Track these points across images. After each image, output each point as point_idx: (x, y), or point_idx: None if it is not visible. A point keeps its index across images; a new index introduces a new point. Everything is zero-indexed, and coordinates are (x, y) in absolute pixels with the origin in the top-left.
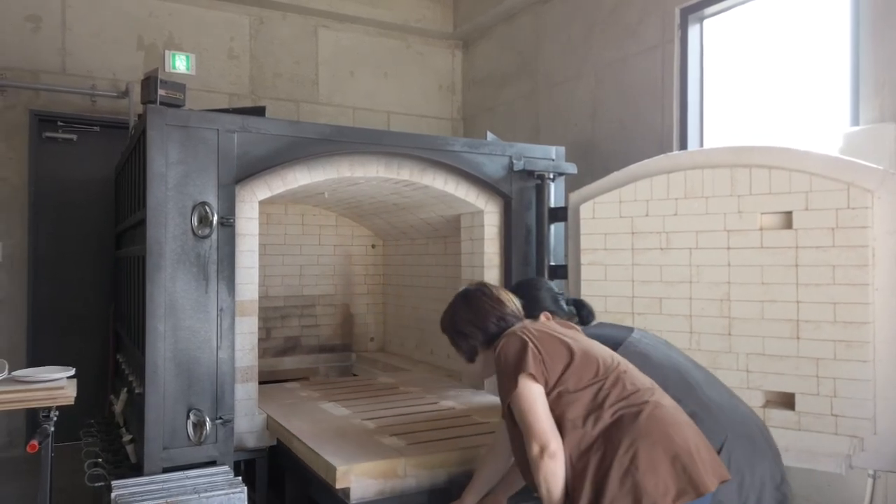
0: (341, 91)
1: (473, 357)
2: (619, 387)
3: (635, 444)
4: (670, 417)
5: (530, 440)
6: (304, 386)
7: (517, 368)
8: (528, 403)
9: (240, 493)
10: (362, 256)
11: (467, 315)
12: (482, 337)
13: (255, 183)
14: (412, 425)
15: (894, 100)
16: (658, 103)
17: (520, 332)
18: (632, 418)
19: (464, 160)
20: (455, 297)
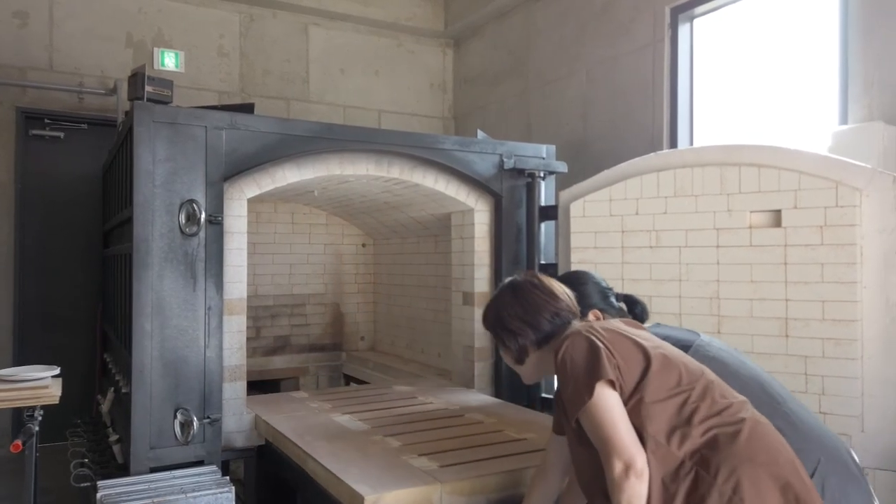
0: (332, 89)
1: (523, 358)
2: (709, 400)
3: (737, 472)
4: (773, 438)
5: (611, 457)
6: (313, 396)
7: (592, 375)
8: (607, 414)
9: (227, 492)
10: (353, 255)
11: (516, 310)
12: (534, 335)
13: (243, 180)
14: (441, 443)
15: (883, 99)
16: (649, 102)
17: (586, 333)
18: (729, 439)
19: (454, 158)
20: (500, 289)
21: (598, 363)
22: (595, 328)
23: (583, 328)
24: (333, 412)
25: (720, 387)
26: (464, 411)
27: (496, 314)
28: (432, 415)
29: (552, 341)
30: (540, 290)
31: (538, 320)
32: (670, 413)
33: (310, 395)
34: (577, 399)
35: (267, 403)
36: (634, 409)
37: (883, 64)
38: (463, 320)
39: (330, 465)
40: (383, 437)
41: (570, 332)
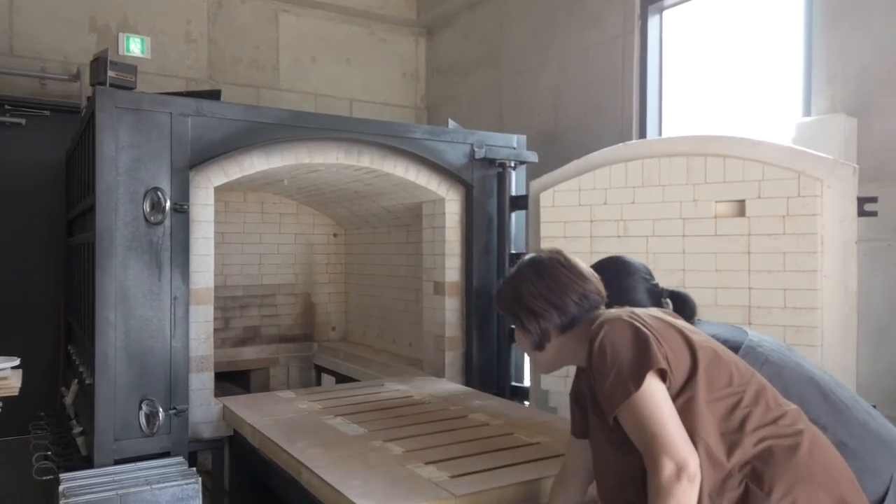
0: (303, 77)
1: (544, 343)
2: (762, 406)
3: (794, 490)
4: (832, 454)
5: (660, 457)
6: (301, 395)
7: (640, 363)
8: (656, 408)
9: (193, 483)
10: (324, 245)
11: (540, 289)
12: (559, 318)
13: (210, 168)
14: (448, 449)
15: (845, 91)
16: (618, 93)
17: (628, 318)
18: (786, 453)
19: (425, 148)
20: (520, 265)
21: (647, 351)
22: (637, 314)
23: (624, 314)
24: (324, 414)
25: (772, 391)
26: (466, 411)
27: (515, 293)
28: (433, 416)
29: (577, 327)
30: (567, 269)
31: (564, 301)
32: (720, 416)
33: (297, 394)
34: (621, 390)
35: (251, 404)
36: (685, 408)
37: (845, 57)
38: (434, 310)
39: (328, 478)
40: (383, 442)
41: (607, 317)
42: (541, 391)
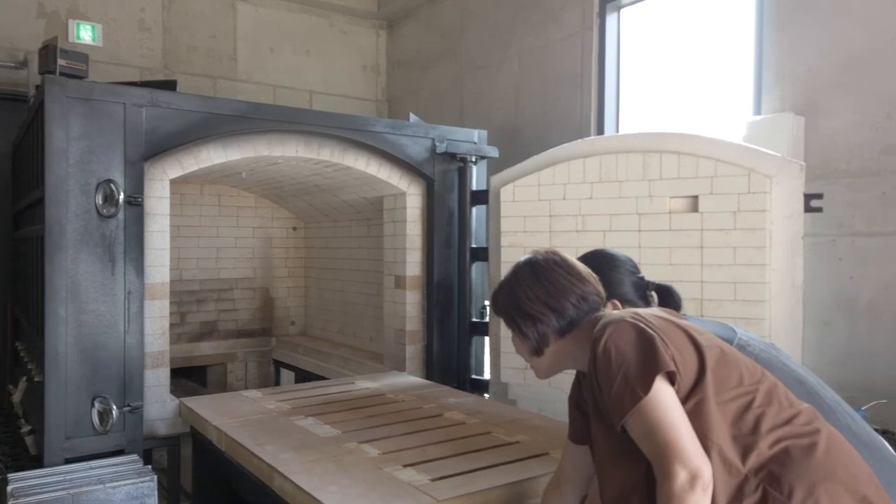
0: (261, 68)
1: (543, 349)
2: (776, 406)
3: (816, 491)
4: (849, 451)
5: (672, 465)
6: (268, 395)
7: (648, 367)
8: (666, 414)
9: (149, 481)
10: (283, 239)
11: (537, 292)
12: (558, 322)
13: (165, 160)
14: (426, 450)
15: (794, 91)
16: (577, 89)
17: (632, 320)
18: (804, 453)
19: (386, 141)
20: (516, 268)
21: (654, 353)
22: (640, 314)
23: (626, 315)
24: (294, 415)
25: (784, 390)
26: (441, 410)
27: (512, 296)
28: (408, 415)
29: (576, 330)
30: (564, 270)
31: (563, 304)
32: (731, 419)
33: (263, 394)
34: (629, 396)
35: (216, 405)
36: (695, 411)
37: (794, 58)
38: (395, 304)
39: (303, 483)
40: (358, 444)
41: (609, 319)
42: (500, 384)
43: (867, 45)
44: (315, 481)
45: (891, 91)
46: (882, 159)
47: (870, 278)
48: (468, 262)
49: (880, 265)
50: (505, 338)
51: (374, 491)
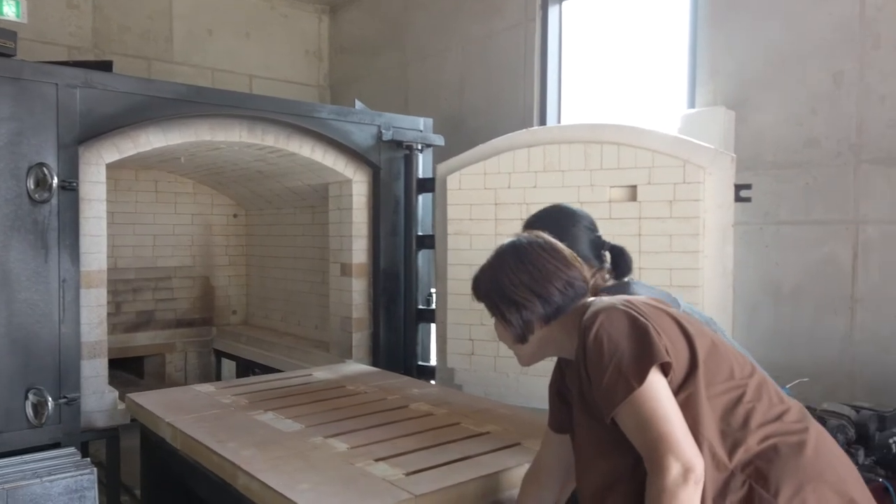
0: (199, 50)
1: (527, 336)
2: (766, 400)
3: (803, 490)
4: (837, 449)
5: (665, 457)
6: (221, 389)
7: (641, 357)
8: (660, 406)
9: (89, 474)
10: (223, 226)
11: (522, 277)
12: (543, 309)
13: (101, 144)
14: (396, 444)
15: (726, 86)
16: (520, 80)
17: (623, 307)
18: (793, 451)
19: (332, 128)
20: (500, 251)
21: (648, 343)
22: (632, 302)
23: (617, 302)
24: (252, 409)
25: (772, 385)
26: (406, 401)
27: (495, 281)
28: (373, 407)
29: (562, 317)
30: (549, 254)
31: (549, 290)
32: (720, 413)
33: (217, 388)
34: (622, 387)
35: (166, 401)
36: (686, 404)
37: (726, 54)
38: (341, 291)
39: (271, 482)
40: (324, 438)
41: (600, 306)
42: (446, 370)
43: (792, 43)
44: (284, 479)
45: (814, 88)
46: (805, 152)
47: (793, 264)
48: (414, 250)
49: (803, 252)
50: (452, 324)
51: (348, 488)
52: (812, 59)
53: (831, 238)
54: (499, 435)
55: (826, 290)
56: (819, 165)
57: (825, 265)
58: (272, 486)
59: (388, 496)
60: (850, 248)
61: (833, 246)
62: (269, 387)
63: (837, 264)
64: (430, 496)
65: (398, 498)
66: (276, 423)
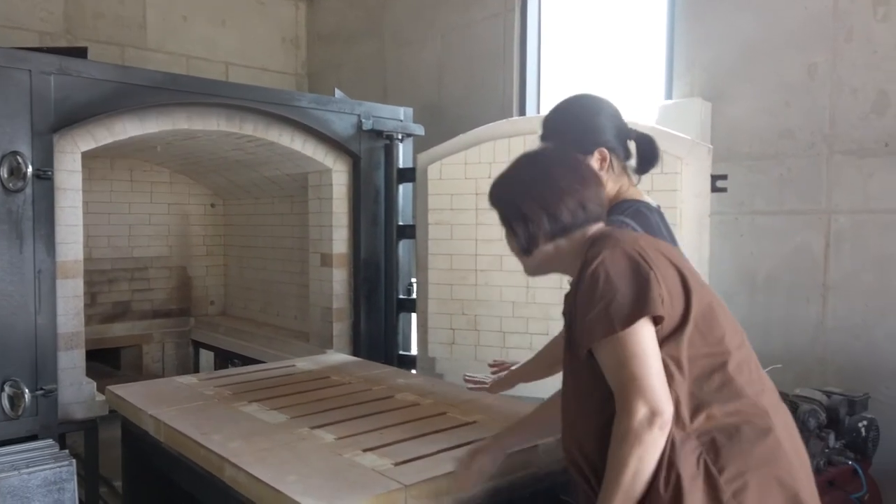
0: (173, 37)
1: (531, 249)
2: (745, 376)
3: (746, 475)
4: (798, 444)
5: (634, 398)
6: (204, 381)
7: (634, 304)
8: (640, 350)
9: (67, 465)
10: (200, 216)
11: (535, 190)
12: (549, 226)
13: (76, 133)
14: (384, 434)
15: (702, 78)
16: (500, 69)
17: (630, 248)
18: (754, 435)
19: (311, 117)
20: (520, 159)
21: (645, 292)
22: (641, 245)
23: (626, 241)
24: (237, 400)
25: (756, 362)
26: (392, 391)
27: (508, 191)
28: (358, 398)
29: (570, 235)
30: (569, 171)
31: (558, 208)
32: (696, 374)
33: (199, 379)
34: (602, 325)
35: (149, 393)
36: (665, 357)
37: (703, 46)
38: (321, 282)
39: (260, 474)
40: (310, 429)
41: (607, 241)
42: (427, 359)
43: (767, 36)
44: (272, 471)
45: (788, 80)
46: (780, 143)
47: (767, 254)
48: (395, 240)
49: (777, 242)
50: (433, 314)
51: (336, 479)
52: (786, 51)
53: (804, 228)
54: (486, 424)
55: (799, 278)
56: (793, 156)
57: (798, 254)
58: (260, 478)
59: (377, 486)
60: (823, 238)
61: (806, 235)
62: (253, 378)
63: (810, 253)
64: (420, 486)
65: (388, 488)
66: (262, 415)
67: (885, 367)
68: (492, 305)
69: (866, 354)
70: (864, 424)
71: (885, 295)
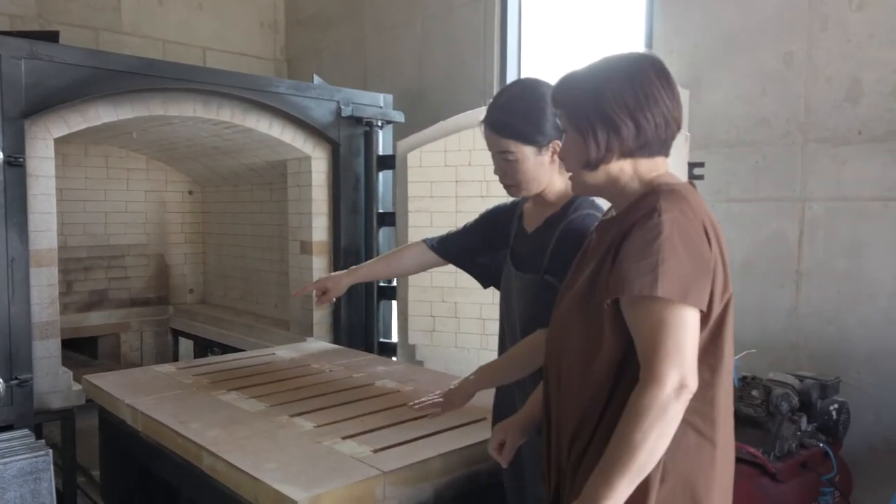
0: (149, 21)
1: (601, 163)
2: (725, 389)
3: (667, 478)
4: (729, 464)
5: (668, 366)
6: (182, 369)
7: (687, 287)
8: (681, 321)
9: (44, 455)
10: (178, 203)
11: (626, 96)
12: (632, 138)
13: (49, 118)
14: (363, 421)
15: (680, 65)
16: (480, 55)
17: (700, 224)
18: (696, 443)
19: (290, 103)
20: (611, 60)
21: (702, 283)
22: (706, 224)
23: (698, 210)
24: (215, 389)
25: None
26: (372, 379)
27: (594, 91)
28: (338, 386)
29: (640, 157)
30: (661, 82)
31: (647, 119)
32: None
33: (177, 368)
34: (650, 281)
35: (125, 382)
36: None
37: (680, 34)
38: (301, 269)
39: (238, 462)
40: (289, 417)
41: (681, 198)
42: (408, 346)
43: (743, 24)
44: (251, 459)
45: (764, 68)
46: (756, 131)
47: (743, 240)
48: (375, 227)
49: (752, 229)
50: (413, 301)
51: (315, 466)
52: (763, 40)
53: (779, 215)
54: (466, 411)
55: (774, 265)
56: (769, 144)
57: (773, 241)
58: (239, 466)
59: (356, 473)
60: (797, 225)
61: (781, 222)
62: (232, 366)
63: (785, 240)
64: (399, 472)
65: (367, 475)
66: (241, 403)
67: (856, 351)
68: (471, 293)
69: (838, 340)
70: (835, 408)
71: (857, 281)
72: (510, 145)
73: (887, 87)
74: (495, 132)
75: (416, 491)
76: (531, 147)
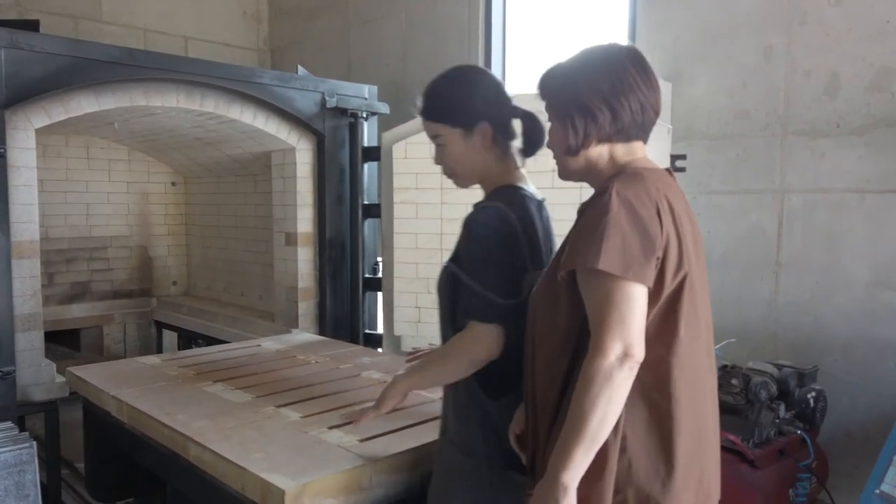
0: (129, 9)
1: (580, 150)
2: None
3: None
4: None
5: (611, 334)
6: (167, 361)
7: (631, 262)
8: (626, 295)
9: (28, 448)
10: (161, 195)
11: (602, 84)
12: (610, 126)
13: (30, 108)
14: (347, 411)
15: (662, 59)
16: (465, 47)
17: (660, 204)
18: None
19: (274, 94)
20: (586, 51)
21: (646, 261)
22: (675, 202)
23: (649, 186)
24: (201, 380)
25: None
26: (358, 370)
27: (570, 81)
28: (324, 377)
29: (618, 143)
30: (636, 70)
31: (622, 105)
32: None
33: (162, 360)
34: (594, 256)
35: (110, 374)
36: None
37: (663, 28)
38: (286, 261)
39: (224, 452)
40: (276, 408)
41: (639, 176)
42: (393, 337)
43: (723, 18)
44: (237, 449)
45: (744, 61)
46: (736, 124)
47: (723, 232)
48: (360, 219)
49: (732, 220)
50: (398, 292)
51: (302, 455)
52: (743, 33)
53: (759, 207)
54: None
55: (753, 256)
56: (749, 137)
57: (753, 233)
58: (226, 456)
59: (342, 462)
60: (776, 217)
61: (760, 214)
62: (218, 358)
63: (764, 232)
64: (385, 461)
65: (353, 464)
66: (226, 395)
67: (832, 341)
68: None
69: (815, 329)
70: (812, 396)
71: (834, 272)
72: (438, 129)
73: (864, 81)
74: (422, 115)
75: (402, 479)
76: (458, 129)
